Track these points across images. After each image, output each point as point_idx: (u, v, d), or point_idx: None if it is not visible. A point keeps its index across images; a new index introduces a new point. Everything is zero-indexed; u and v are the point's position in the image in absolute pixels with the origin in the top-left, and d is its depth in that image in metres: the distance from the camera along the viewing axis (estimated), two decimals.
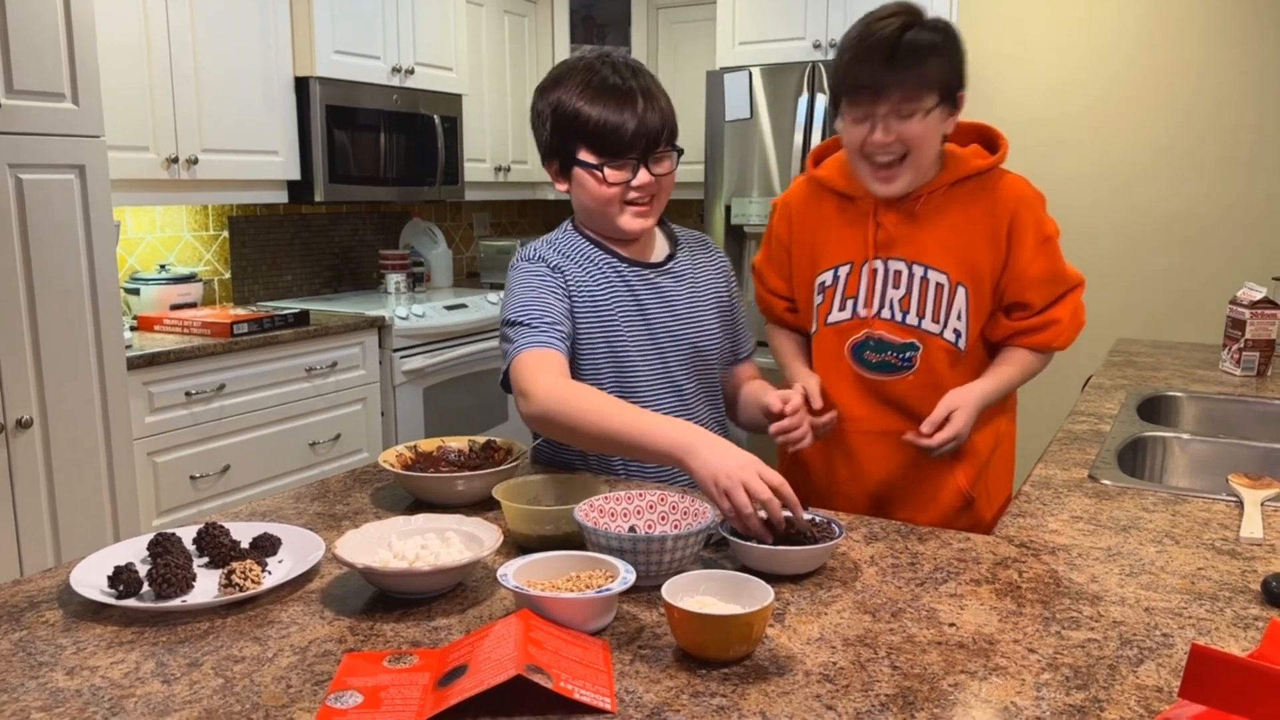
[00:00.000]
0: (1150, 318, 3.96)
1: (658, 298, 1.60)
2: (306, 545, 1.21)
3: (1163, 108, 3.82)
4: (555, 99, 1.52)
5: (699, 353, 1.62)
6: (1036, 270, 1.64)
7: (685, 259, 1.66)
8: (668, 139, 1.54)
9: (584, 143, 1.50)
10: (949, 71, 1.52)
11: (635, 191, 1.52)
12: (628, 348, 1.56)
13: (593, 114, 1.48)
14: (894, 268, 1.64)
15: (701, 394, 1.64)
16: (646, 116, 1.49)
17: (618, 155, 1.50)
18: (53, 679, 0.92)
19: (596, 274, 1.57)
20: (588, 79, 1.51)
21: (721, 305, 1.69)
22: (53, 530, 2.39)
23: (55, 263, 2.35)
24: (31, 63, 2.27)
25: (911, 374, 1.65)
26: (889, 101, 1.50)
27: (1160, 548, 1.27)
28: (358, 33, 3.54)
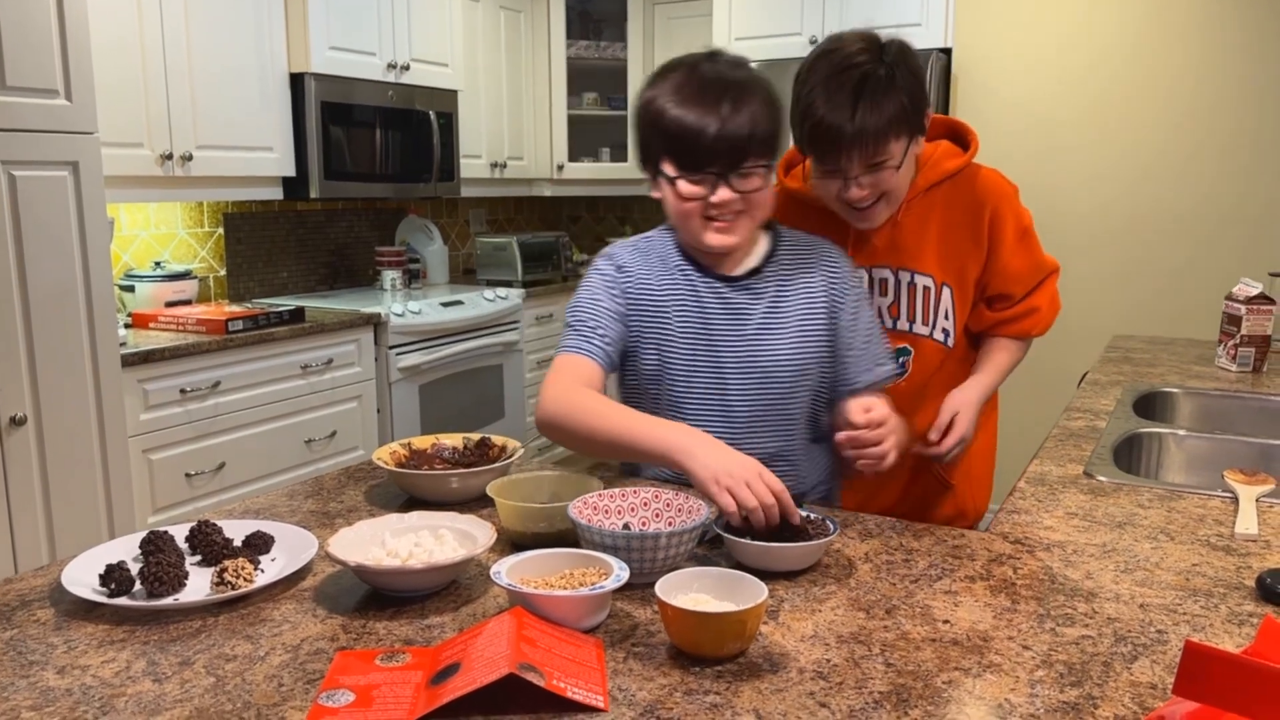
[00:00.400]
0: (1146, 314, 3.96)
1: (726, 313, 1.48)
2: (299, 543, 1.20)
3: (1160, 108, 3.82)
4: (648, 97, 1.41)
5: (766, 377, 1.47)
6: (1018, 264, 1.66)
7: (776, 272, 1.50)
8: (760, 152, 1.38)
9: (664, 149, 1.40)
10: (910, 113, 1.47)
11: (714, 209, 1.40)
12: (680, 360, 1.48)
13: (674, 118, 1.37)
14: (879, 276, 1.66)
15: (764, 422, 1.49)
16: (730, 125, 1.35)
17: (695, 167, 1.38)
18: (43, 678, 0.92)
19: (667, 279, 1.50)
20: (685, 79, 1.39)
21: (813, 328, 1.49)
22: (47, 528, 2.39)
23: (49, 260, 2.34)
24: (24, 58, 2.26)
25: (904, 379, 1.67)
26: (856, 166, 1.49)
27: (1155, 544, 1.27)
28: (353, 28, 3.53)
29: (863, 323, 1.52)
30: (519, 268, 4.28)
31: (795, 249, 1.54)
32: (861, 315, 1.53)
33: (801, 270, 1.52)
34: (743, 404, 1.48)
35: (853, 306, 1.52)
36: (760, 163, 1.39)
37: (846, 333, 1.51)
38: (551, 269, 4.45)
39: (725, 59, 1.43)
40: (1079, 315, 4.03)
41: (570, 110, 4.81)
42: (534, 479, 1.36)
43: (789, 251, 1.53)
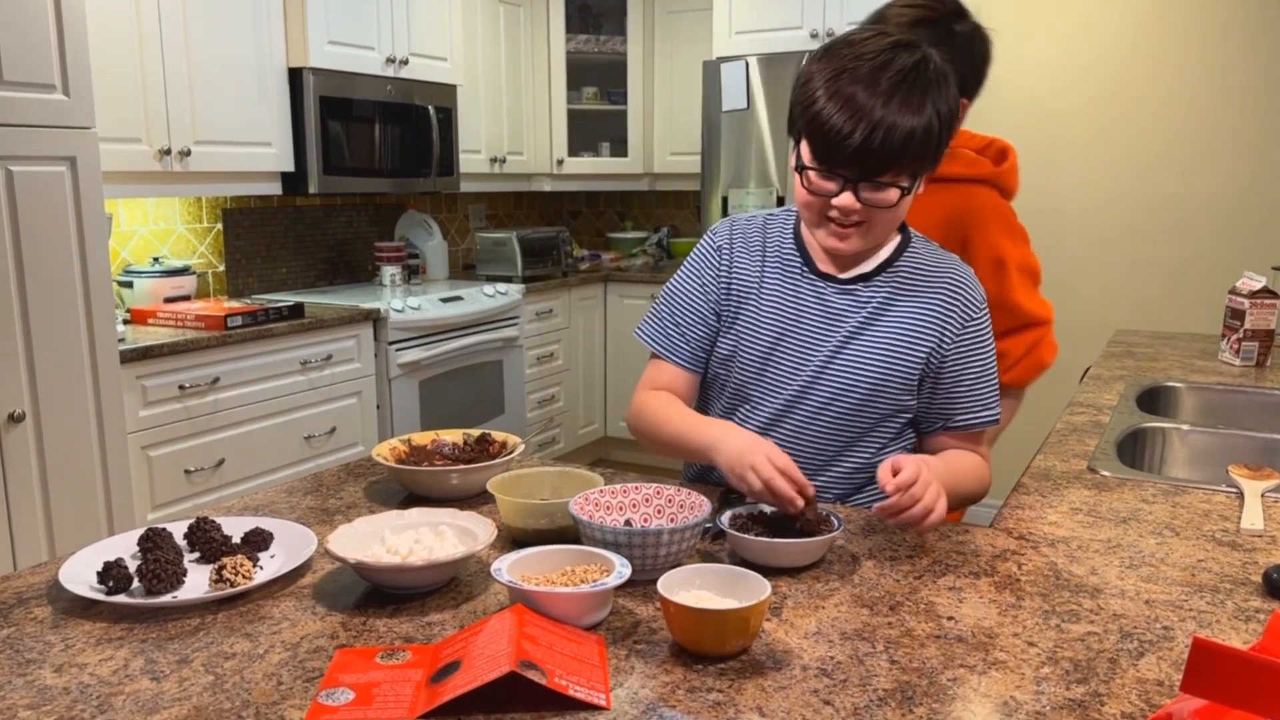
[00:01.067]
0: (1149, 308, 3.95)
1: (820, 313, 1.41)
2: (299, 540, 1.19)
3: (1163, 103, 3.81)
4: (811, 70, 1.28)
5: (840, 388, 1.39)
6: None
7: (888, 283, 1.40)
8: (906, 168, 1.26)
9: (805, 134, 1.30)
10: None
11: (835, 210, 1.31)
12: (757, 349, 1.43)
13: (822, 110, 1.25)
14: None
15: (826, 430, 1.41)
16: (878, 137, 1.22)
17: (829, 167, 1.28)
18: (40, 676, 0.91)
19: (769, 265, 1.45)
20: (847, 67, 1.25)
21: (908, 351, 1.38)
22: (46, 525, 2.38)
23: (47, 256, 2.33)
24: (21, 53, 2.25)
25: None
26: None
27: (1160, 539, 1.26)
28: (352, 23, 3.52)
29: (978, 363, 1.41)
30: (519, 263, 4.27)
31: (921, 263, 1.41)
32: (978, 354, 1.41)
33: (918, 288, 1.40)
34: (809, 408, 1.41)
35: (970, 343, 1.40)
36: (902, 178, 1.27)
37: (955, 367, 1.40)
38: (551, 264, 4.44)
39: (909, 59, 1.25)
40: (1082, 310, 4.02)
41: (570, 105, 4.79)
42: (535, 475, 1.35)
43: (913, 264, 1.41)
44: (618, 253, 5.09)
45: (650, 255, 4.97)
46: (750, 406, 1.46)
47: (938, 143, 1.27)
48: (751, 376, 1.44)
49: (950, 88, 1.28)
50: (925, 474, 1.17)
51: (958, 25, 1.66)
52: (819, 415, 1.41)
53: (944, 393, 1.41)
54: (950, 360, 1.40)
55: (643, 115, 4.83)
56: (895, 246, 1.42)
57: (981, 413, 1.42)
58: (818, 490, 1.43)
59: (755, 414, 1.45)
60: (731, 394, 1.48)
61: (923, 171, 1.31)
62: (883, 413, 1.41)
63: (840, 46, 1.28)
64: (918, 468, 1.16)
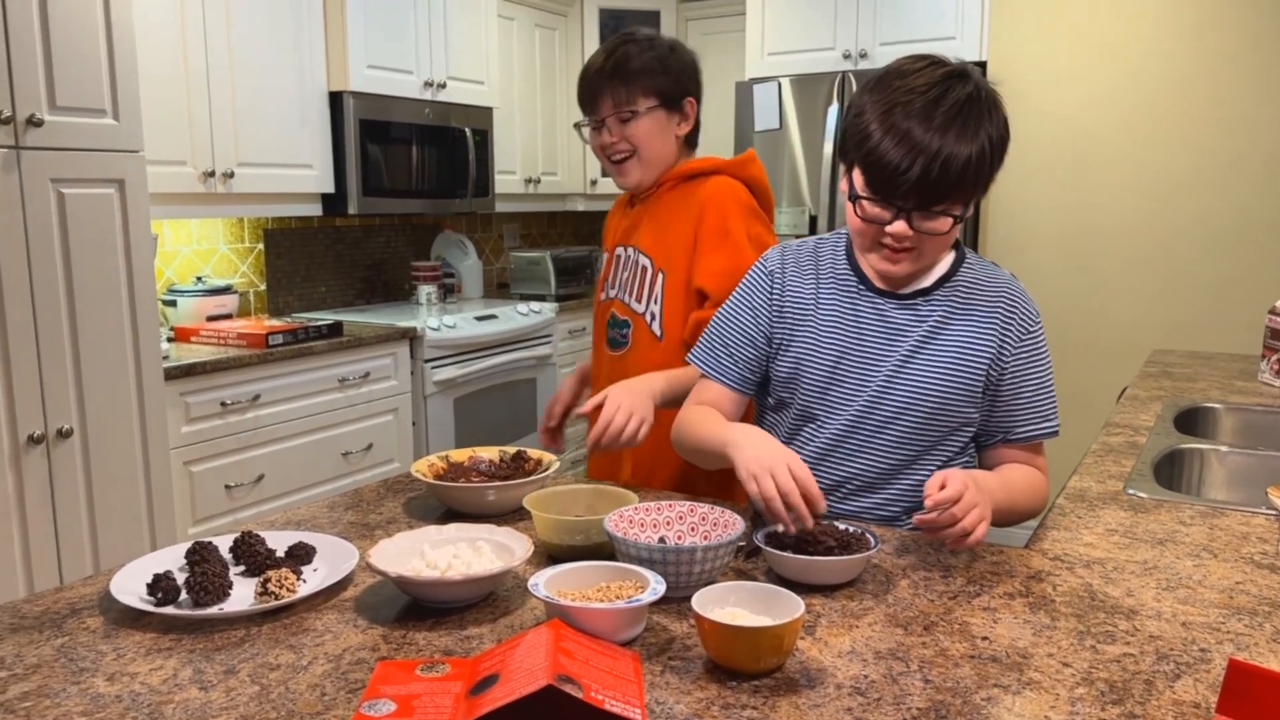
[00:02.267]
0: (1187, 328, 3.91)
1: (881, 329, 1.42)
2: (340, 554, 1.22)
3: (1198, 118, 3.78)
4: (864, 103, 1.31)
5: (907, 401, 1.40)
6: (714, 261, 1.72)
7: (947, 297, 1.42)
8: (959, 198, 1.29)
9: (860, 166, 1.32)
10: (665, 83, 1.77)
11: (889, 237, 1.34)
12: (820, 368, 1.44)
13: (877, 143, 1.27)
14: (625, 253, 1.86)
15: (892, 443, 1.42)
16: (934, 170, 1.25)
17: (884, 198, 1.31)
18: (94, 685, 0.94)
19: (825, 285, 1.47)
20: (900, 101, 1.27)
21: (971, 364, 1.40)
22: (91, 538, 2.43)
23: (95, 275, 2.39)
24: (74, 80, 2.32)
25: (628, 350, 1.82)
26: (607, 108, 1.77)
27: (1198, 561, 1.25)
28: (391, 47, 3.59)
29: (1036, 374, 1.43)
30: (552, 282, 4.31)
31: (977, 278, 1.44)
32: (1036, 366, 1.43)
33: (977, 302, 1.42)
34: (875, 423, 1.42)
35: (1029, 355, 1.42)
36: (955, 207, 1.30)
37: (1015, 379, 1.41)
38: (584, 283, 4.47)
39: (964, 82, 1.29)
40: (1117, 330, 3.99)
41: None
42: (570, 492, 1.37)
43: (970, 279, 1.44)
44: None
45: None
46: (816, 425, 1.46)
47: (990, 169, 1.29)
48: (816, 395, 1.45)
49: (1000, 113, 1.31)
50: (971, 495, 1.17)
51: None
52: (886, 429, 1.42)
53: (1003, 405, 1.43)
54: (1010, 372, 1.41)
55: None
56: (951, 262, 1.45)
57: (1041, 424, 1.43)
58: (881, 506, 1.44)
59: (821, 431, 1.45)
60: (797, 414, 1.48)
61: (976, 198, 1.33)
62: (948, 426, 1.42)
63: (892, 78, 1.30)
64: (962, 487, 1.17)
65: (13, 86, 2.20)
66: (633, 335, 1.81)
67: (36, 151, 2.25)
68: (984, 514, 1.19)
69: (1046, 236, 4.06)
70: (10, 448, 2.25)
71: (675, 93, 1.80)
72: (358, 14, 3.43)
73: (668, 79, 1.77)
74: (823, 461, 1.45)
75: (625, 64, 1.75)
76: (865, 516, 1.44)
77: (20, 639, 1.03)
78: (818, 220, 4.00)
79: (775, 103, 4.04)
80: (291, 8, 3.29)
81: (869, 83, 1.34)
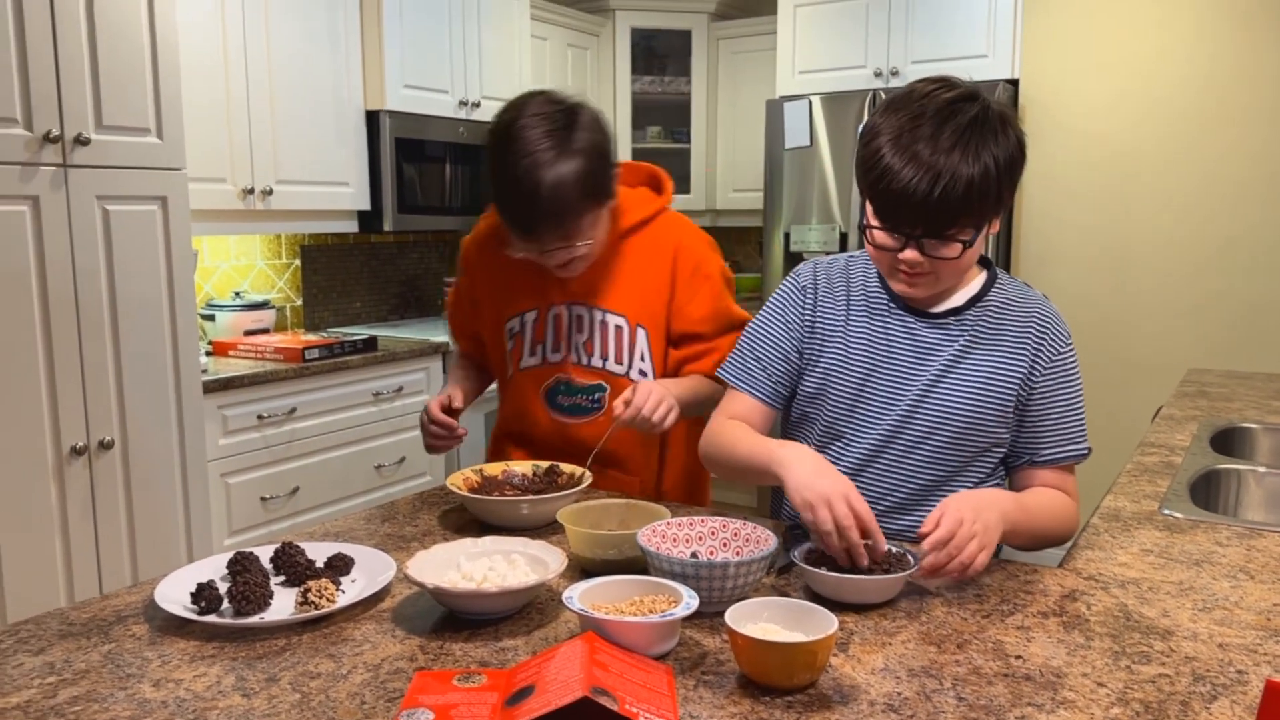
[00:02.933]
0: (1223, 347, 3.86)
1: (912, 348, 1.42)
2: (378, 565, 1.24)
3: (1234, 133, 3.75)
4: (875, 126, 1.31)
5: (939, 421, 1.40)
6: (697, 307, 1.72)
7: (979, 317, 1.42)
8: (969, 222, 1.29)
9: (868, 193, 1.32)
10: (600, 190, 1.59)
11: (903, 265, 1.34)
12: (848, 386, 1.44)
13: (886, 169, 1.27)
14: (576, 312, 1.71)
15: (921, 464, 1.42)
16: (938, 195, 1.24)
17: (894, 225, 1.31)
18: (140, 690, 0.96)
19: (855, 304, 1.47)
20: (908, 126, 1.27)
21: (1003, 385, 1.39)
22: (130, 548, 2.47)
23: (138, 290, 2.45)
24: (120, 100, 2.38)
25: (601, 415, 1.72)
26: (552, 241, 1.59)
27: (1234, 583, 1.25)
28: (427, 67, 3.64)
29: (1066, 396, 1.42)
30: None
31: (1009, 298, 1.44)
32: (1067, 388, 1.42)
33: (1009, 322, 1.42)
34: (906, 443, 1.42)
35: (1060, 376, 1.41)
36: (964, 232, 1.29)
37: (1044, 400, 1.41)
38: None
39: (972, 104, 1.28)
40: (1153, 348, 3.95)
41: (634, 144, 4.87)
42: (603, 506, 1.38)
43: (1001, 299, 1.44)
44: None
45: None
46: (843, 443, 1.46)
47: (998, 190, 1.28)
48: (843, 412, 1.45)
49: (1011, 133, 1.30)
50: (965, 528, 1.17)
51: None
52: (916, 449, 1.42)
53: (1032, 426, 1.42)
54: (1039, 393, 1.41)
55: (705, 153, 4.90)
56: (984, 281, 1.45)
57: (1069, 447, 1.42)
58: (912, 527, 1.44)
59: (849, 450, 1.45)
60: (823, 431, 1.48)
61: (985, 222, 1.32)
62: (979, 446, 1.42)
63: (901, 102, 1.31)
64: (955, 524, 1.17)
65: (61, 106, 2.26)
66: (609, 398, 1.70)
67: (83, 169, 2.31)
68: (984, 542, 1.18)
69: (1079, 254, 4.03)
70: (54, 458, 2.30)
71: (607, 190, 1.61)
72: (394, 35, 3.49)
73: (599, 183, 1.57)
74: (853, 480, 1.45)
75: (559, 199, 1.52)
76: (897, 539, 1.44)
77: (69, 645, 1.06)
78: (848, 237, 4.00)
79: (806, 120, 4.05)
80: (330, 30, 3.35)
81: (882, 104, 1.34)
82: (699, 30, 4.83)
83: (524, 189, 1.52)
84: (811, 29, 4.14)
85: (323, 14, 3.32)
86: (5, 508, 2.21)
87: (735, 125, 4.82)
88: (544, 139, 1.53)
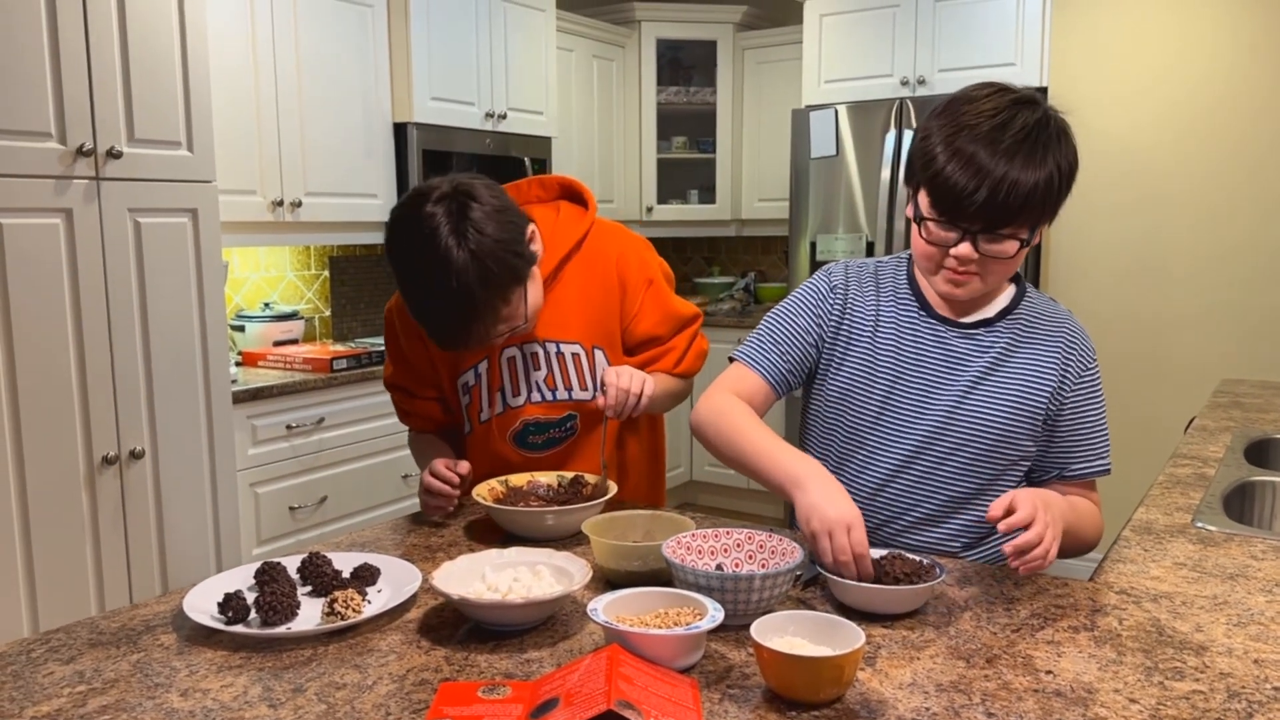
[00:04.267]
0: (1258, 357, 3.80)
1: (943, 358, 1.41)
2: (404, 575, 1.24)
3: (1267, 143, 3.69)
4: (931, 127, 1.32)
5: (968, 434, 1.39)
6: (648, 314, 1.70)
7: (1010, 329, 1.42)
8: (1025, 221, 1.29)
9: (926, 188, 1.32)
10: (523, 269, 1.50)
11: (953, 259, 1.33)
12: (874, 392, 1.43)
13: (945, 166, 1.27)
14: (530, 350, 1.66)
15: (946, 478, 1.41)
16: (1000, 193, 1.25)
17: (950, 221, 1.31)
18: (168, 700, 0.97)
19: (885, 308, 1.46)
20: (967, 124, 1.28)
21: (1033, 399, 1.40)
22: (160, 557, 2.50)
23: (168, 302, 2.48)
24: (151, 114, 2.41)
25: (576, 439, 1.70)
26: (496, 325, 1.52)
27: (1271, 597, 1.22)
28: (454, 80, 3.67)
29: (1093, 411, 1.43)
30: None
31: (1039, 311, 1.45)
32: (1093, 402, 1.43)
33: (1040, 335, 1.42)
34: (936, 455, 1.41)
35: (1088, 390, 1.43)
36: (1022, 231, 1.30)
37: (1073, 414, 1.42)
38: None
39: (1032, 107, 1.29)
40: (1184, 358, 3.90)
41: (660, 154, 4.89)
42: (628, 518, 1.38)
43: (1031, 312, 1.44)
44: (705, 298, 5.13)
45: (737, 300, 5.00)
46: (868, 452, 1.44)
47: (1058, 195, 1.29)
48: (869, 419, 1.44)
49: (1070, 142, 1.31)
50: (1043, 513, 1.17)
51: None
52: (948, 461, 1.41)
53: (1060, 440, 1.43)
54: (1068, 407, 1.41)
55: (731, 163, 4.89)
56: (1014, 294, 1.45)
57: (1095, 461, 1.43)
58: (940, 541, 1.43)
59: (876, 460, 1.43)
60: (846, 438, 1.46)
61: (1042, 223, 1.32)
62: (1009, 459, 1.41)
63: (960, 103, 1.31)
64: (1033, 509, 1.17)
65: (94, 120, 2.29)
66: (581, 422, 1.68)
67: (115, 182, 2.34)
68: (1057, 533, 1.19)
69: (1112, 263, 3.99)
70: (85, 468, 2.32)
71: (523, 266, 1.49)
72: (422, 48, 3.52)
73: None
74: (880, 492, 1.44)
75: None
76: (927, 552, 1.43)
77: (99, 654, 1.07)
78: (874, 246, 3.98)
79: (832, 130, 4.04)
80: (358, 42, 3.38)
81: (937, 107, 1.34)
82: (724, 40, 4.83)
83: (436, 320, 1.44)
84: (837, 38, 4.13)
85: (351, 27, 3.35)
86: (38, 517, 2.24)
87: (761, 135, 4.82)
88: (437, 264, 1.39)
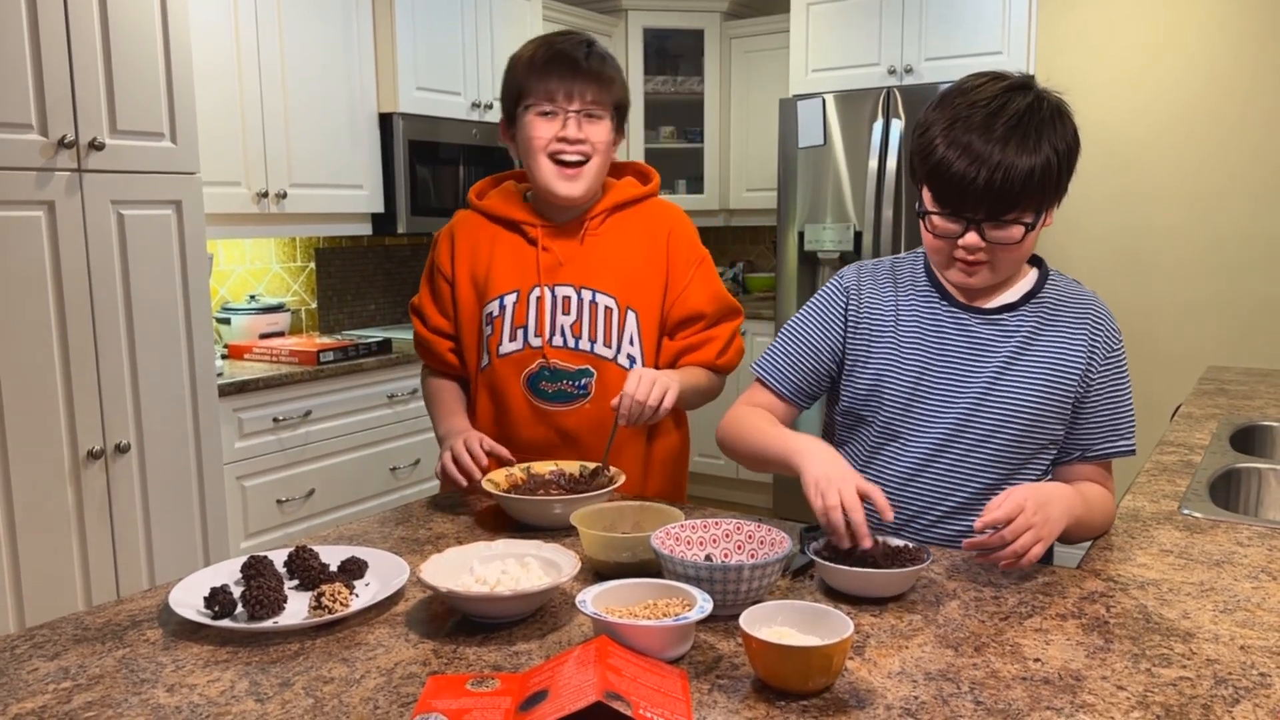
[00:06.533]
0: (1241, 343, 3.83)
1: (967, 345, 1.41)
2: (392, 569, 1.24)
3: (1252, 129, 3.71)
4: (929, 120, 1.34)
5: (999, 419, 1.39)
6: (697, 290, 1.70)
7: (1034, 313, 1.42)
8: (1029, 205, 1.30)
9: (927, 181, 1.34)
10: (623, 97, 1.68)
11: (962, 250, 1.34)
12: (903, 385, 1.43)
13: (944, 157, 1.29)
14: (562, 293, 1.65)
15: (979, 463, 1.40)
16: (1001, 175, 1.26)
17: (954, 211, 1.32)
18: (154, 695, 0.96)
19: (904, 301, 1.46)
20: (962, 115, 1.30)
21: (1061, 382, 1.39)
22: (147, 551, 2.49)
23: (153, 294, 2.46)
24: (134, 105, 2.39)
25: (587, 402, 1.66)
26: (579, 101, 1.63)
27: (1256, 583, 1.23)
28: (439, 70, 3.64)
29: (1118, 392, 1.42)
30: None
31: (1062, 294, 1.44)
32: (1119, 383, 1.42)
33: (1065, 318, 1.42)
34: (969, 442, 1.40)
35: (1115, 371, 1.42)
36: (1026, 215, 1.31)
37: (1098, 396, 1.41)
38: None
39: (1024, 92, 1.31)
40: (1169, 345, 3.91)
41: (647, 144, 4.87)
42: (617, 509, 1.38)
43: (1055, 295, 1.44)
44: None
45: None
46: (900, 444, 1.44)
47: (1059, 177, 1.31)
48: (899, 411, 1.44)
49: (1068, 123, 1.32)
50: (1026, 517, 1.17)
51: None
52: (980, 448, 1.41)
53: (1085, 421, 1.42)
54: (1094, 388, 1.41)
55: (719, 152, 4.89)
56: (1036, 277, 1.45)
57: (1119, 442, 1.43)
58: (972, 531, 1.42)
59: (907, 450, 1.43)
60: (880, 431, 1.46)
61: (1046, 207, 1.33)
62: (1039, 444, 1.42)
63: (954, 95, 1.33)
64: (1016, 508, 1.17)
65: (76, 111, 2.27)
66: (597, 384, 1.65)
67: (98, 174, 2.32)
68: (1040, 535, 1.18)
69: (1097, 251, 4.01)
70: (70, 462, 2.31)
71: (624, 112, 1.70)
72: (407, 38, 3.49)
73: (624, 94, 1.69)
74: (911, 482, 1.44)
75: (605, 64, 1.65)
76: (958, 543, 1.41)
77: (84, 650, 1.06)
78: (863, 236, 3.98)
79: (820, 119, 4.04)
80: (343, 33, 3.36)
81: (934, 100, 1.36)
82: (711, 29, 4.82)
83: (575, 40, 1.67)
84: (824, 27, 4.13)
85: (335, 17, 3.32)
86: (22, 511, 2.22)
87: (748, 124, 4.81)
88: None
